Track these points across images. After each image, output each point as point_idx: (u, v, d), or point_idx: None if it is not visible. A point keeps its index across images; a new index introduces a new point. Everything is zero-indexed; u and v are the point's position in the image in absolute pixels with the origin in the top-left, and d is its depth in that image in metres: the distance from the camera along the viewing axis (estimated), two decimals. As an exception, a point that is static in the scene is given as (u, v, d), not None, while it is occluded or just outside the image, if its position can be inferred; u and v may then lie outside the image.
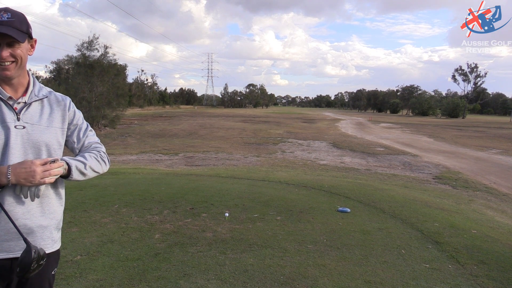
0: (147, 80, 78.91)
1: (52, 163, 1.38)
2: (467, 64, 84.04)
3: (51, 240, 1.51)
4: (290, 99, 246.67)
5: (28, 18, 1.47)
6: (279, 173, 10.06)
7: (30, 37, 1.45)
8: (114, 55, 31.75)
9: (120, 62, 35.37)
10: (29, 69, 1.65)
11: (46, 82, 40.41)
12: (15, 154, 1.39)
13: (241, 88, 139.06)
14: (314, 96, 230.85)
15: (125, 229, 4.19)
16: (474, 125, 44.89)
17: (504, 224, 5.94)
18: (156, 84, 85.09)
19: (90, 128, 1.66)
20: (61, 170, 1.42)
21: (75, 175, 1.47)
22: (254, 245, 3.80)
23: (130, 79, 66.57)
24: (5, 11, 1.39)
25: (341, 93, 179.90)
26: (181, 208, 5.15)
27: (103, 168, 1.61)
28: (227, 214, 4.76)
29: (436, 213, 5.61)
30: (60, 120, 1.54)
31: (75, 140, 1.60)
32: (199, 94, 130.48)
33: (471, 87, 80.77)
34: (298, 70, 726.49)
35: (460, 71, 79.69)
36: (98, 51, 30.37)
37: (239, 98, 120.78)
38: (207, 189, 6.53)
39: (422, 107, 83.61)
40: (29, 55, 1.47)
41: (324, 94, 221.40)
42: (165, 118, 43.58)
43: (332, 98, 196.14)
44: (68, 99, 1.62)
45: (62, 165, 1.42)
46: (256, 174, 9.32)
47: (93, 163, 1.54)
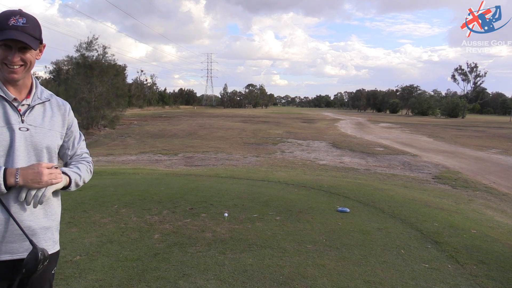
0: (146, 80, 79.27)
1: (56, 169, 1.42)
2: (467, 63, 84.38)
3: (53, 241, 1.52)
4: (289, 99, 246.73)
5: None
6: (278, 173, 10.06)
7: (40, 42, 1.45)
8: (113, 55, 31.87)
9: (120, 63, 35.56)
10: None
11: (46, 82, 40.42)
12: (19, 156, 1.39)
13: (241, 88, 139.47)
14: (314, 96, 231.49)
15: (125, 229, 4.19)
16: (473, 124, 44.91)
17: (504, 223, 5.95)
18: (156, 84, 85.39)
19: (83, 138, 1.71)
20: (63, 177, 1.46)
21: (72, 188, 1.55)
22: (254, 245, 3.80)
23: (129, 80, 66.99)
24: (21, 15, 1.37)
25: (340, 93, 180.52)
26: (181, 208, 5.15)
27: (89, 179, 1.69)
28: (226, 214, 4.75)
29: (435, 213, 5.61)
30: (60, 124, 1.55)
31: (70, 147, 1.62)
32: (198, 95, 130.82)
33: (471, 87, 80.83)
34: (297, 70, 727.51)
35: (460, 71, 79.71)
36: (97, 51, 30.42)
37: (238, 98, 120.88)
38: (206, 189, 6.53)
39: (422, 107, 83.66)
40: (37, 59, 1.47)
41: (323, 94, 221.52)
42: (164, 119, 43.58)
43: (332, 98, 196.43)
44: (68, 105, 1.63)
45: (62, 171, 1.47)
46: (255, 174, 9.32)
47: (86, 176, 1.62)
